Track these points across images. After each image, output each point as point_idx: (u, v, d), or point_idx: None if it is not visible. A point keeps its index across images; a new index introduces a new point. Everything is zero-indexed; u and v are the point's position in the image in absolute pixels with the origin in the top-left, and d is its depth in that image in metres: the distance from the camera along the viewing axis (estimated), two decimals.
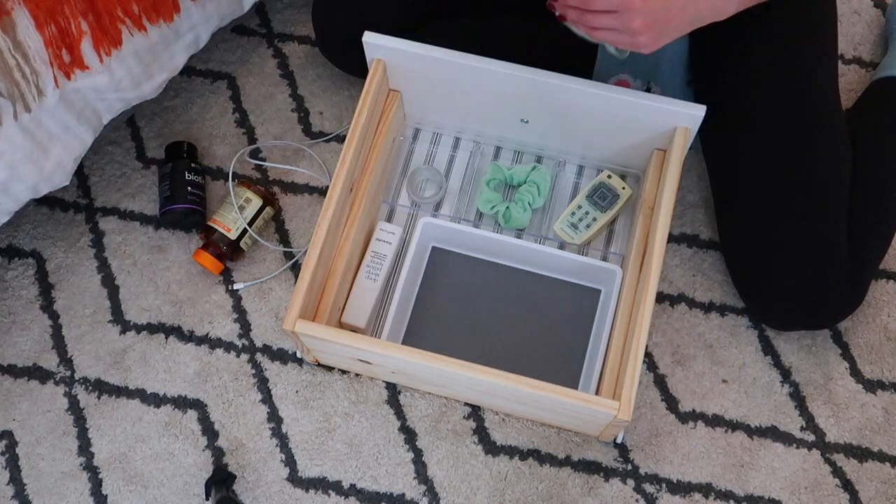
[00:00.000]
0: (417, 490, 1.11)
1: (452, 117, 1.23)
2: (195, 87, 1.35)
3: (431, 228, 1.18)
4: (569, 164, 1.26)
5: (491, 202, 1.22)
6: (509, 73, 1.07)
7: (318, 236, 1.02)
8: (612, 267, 1.14)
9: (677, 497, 1.10)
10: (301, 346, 1.06)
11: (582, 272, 1.17)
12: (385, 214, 1.24)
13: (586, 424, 1.06)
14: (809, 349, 1.18)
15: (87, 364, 1.18)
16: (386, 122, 1.16)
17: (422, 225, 1.17)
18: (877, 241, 1.14)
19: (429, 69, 1.10)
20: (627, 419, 0.94)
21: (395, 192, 1.26)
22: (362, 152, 1.11)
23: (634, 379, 0.95)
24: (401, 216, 1.25)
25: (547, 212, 1.23)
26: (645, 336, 0.97)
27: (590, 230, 1.19)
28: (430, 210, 1.24)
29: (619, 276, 1.13)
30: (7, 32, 0.96)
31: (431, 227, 1.17)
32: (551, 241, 1.22)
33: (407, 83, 1.16)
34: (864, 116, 1.23)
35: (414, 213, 1.24)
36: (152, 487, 1.12)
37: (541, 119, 1.16)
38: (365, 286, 1.15)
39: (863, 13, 1.40)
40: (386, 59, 1.10)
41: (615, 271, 1.14)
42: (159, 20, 1.10)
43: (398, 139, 1.25)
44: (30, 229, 1.26)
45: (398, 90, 1.18)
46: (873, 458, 1.12)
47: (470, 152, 1.27)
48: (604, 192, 1.21)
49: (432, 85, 1.14)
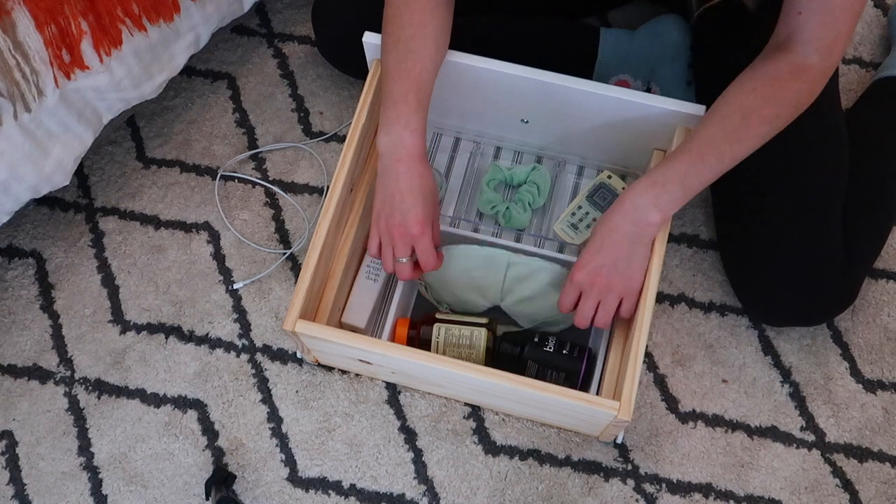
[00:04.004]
0: (417, 490, 1.11)
1: (452, 117, 1.23)
2: (195, 87, 1.35)
3: None
4: (569, 164, 1.26)
5: (491, 202, 1.22)
6: (509, 73, 1.06)
7: (318, 236, 1.02)
8: None
9: (677, 497, 1.10)
10: (301, 346, 1.06)
11: None
12: None
13: (587, 425, 1.06)
14: (809, 349, 1.18)
15: (87, 364, 1.18)
16: None
17: None
18: (872, 240, 1.14)
19: None
20: (628, 419, 0.94)
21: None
22: (362, 152, 1.11)
23: (634, 379, 0.95)
24: None
25: (547, 212, 1.23)
26: (645, 336, 0.96)
27: (590, 230, 1.19)
28: None
29: None
30: (7, 32, 0.96)
31: None
32: (551, 241, 1.22)
33: None
34: (864, 116, 1.24)
35: None
36: (152, 487, 1.12)
37: (541, 119, 1.16)
38: (365, 286, 1.15)
39: (863, 13, 1.40)
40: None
41: None
42: (159, 20, 1.10)
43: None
44: (30, 229, 1.26)
45: None
46: (873, 458, 1.12)
47: (470, 152, 1.27)
48: (604, 192, 1.21)
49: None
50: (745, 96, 0.94)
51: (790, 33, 0.92)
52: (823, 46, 0.91)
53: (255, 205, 1.27)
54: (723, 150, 0.94)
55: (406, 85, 0.97)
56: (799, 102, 0.94)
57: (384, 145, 0.98)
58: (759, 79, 0.93)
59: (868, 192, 1.13)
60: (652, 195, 0.95)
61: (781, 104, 0.93)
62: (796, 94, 0.93)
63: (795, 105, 0.94)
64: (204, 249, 1.25)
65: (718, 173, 0.95)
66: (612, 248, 0.97)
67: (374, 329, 1.17)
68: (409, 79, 0.97)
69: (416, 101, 0.97)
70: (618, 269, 0.97)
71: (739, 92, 0.94)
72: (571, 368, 1.06)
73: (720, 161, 0.94)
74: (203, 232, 1.26)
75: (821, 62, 0.92)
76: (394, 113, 0.97)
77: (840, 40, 0.91)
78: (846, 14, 0.90)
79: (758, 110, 0.93)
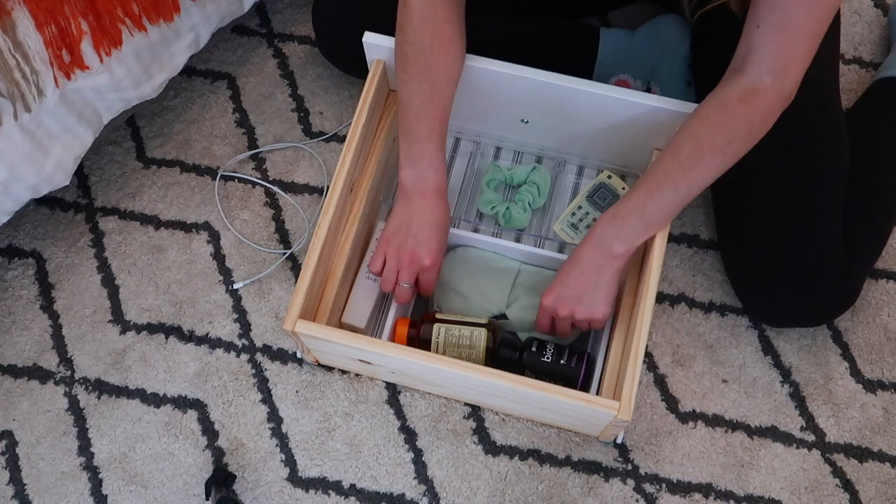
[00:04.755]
0: (417, 490, 1.11)
1: (453, 117, 1.21)
2: (195, 87, 1.35)
3: None
4: (569, 165, 1.26)
5: (491, 202, 1.22)
6: (509, 73, 1.06)
7: (318, 236, 1.02)
8: None
9: (677, 497, 1.10)
10: (301, 346, 1.06)
11: None
12: (385, 214, 1.24)
13: (586, 425, 1.06)
14: (809, 349, 1.18)
15: (87, 364, 1.18)
16: (386, 122, 1.16)
17: None
18: (873, 241, 1.14)
19: None
20: (628, 419, 0.94)
21: (395, 192, 1.25)
22: (362, 152, 1.11)
23: (634, 379, 0.95)
24: None
25: (547, 212, 1.23)
26: (645, 336, 0.97)
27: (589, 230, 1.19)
28: None
29: None
30: (7, 32, 0.96)
31: None
32: (551, 241, 1.21)
33: None
34: (865, 116, 1.23)
35: None
36: (152, 487, 1.12)
37: (541, 119, 1.16)
38: (365, 286, 1.15)
39: (863, 13, 1.40)
40: (386, 59, 1.10)
41: None
42: (159, 20, 1.10)
43: (398, 139, 1.25)
44: (30, 229, 1.26)
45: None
46: (873, 458, 1.12)
47: (470, 153, 1.27)
48: (604, 192, 1.21)
49: None
50: (698, 123, 0.94)
51: (747, 52, 0.91)
52: (777, 67, 0.90)
53: (255, 205, 1.27)
54: (677, 180, 0.94)
55: (430, 124, 1.01)
56: (752, 129, 0.92)
57: (408, 179, 1.02)
58: (711, 106, 0.93)
59: (869, 193, 1.13)
60: (614, 228, 0.98)
61: (732, 132, 0.92)
62: (747, 121, 0.92)
63: (748, 132, 0.93)
64: (204, 249, 1.25)
65: (678, 203, 0.96)
66: (578, 278, 1.01)
67: (374, 329, 1.17)
68: (433, 118, 1.01)
69: (439, 139, 1.02)
70: (582, 302, 1.01)
71: (695, 118, 0.95)
72: (569, 375, 1.06)
73: (675, 191, 0.95)
74: (203, 232, 1.26)
75: (774, 84, 0.90)
76: (418, 150, 1.01)
77: (795, 62, 0.90)
78: (803, 36, 0.88)
79: (710, 139, 0.93)
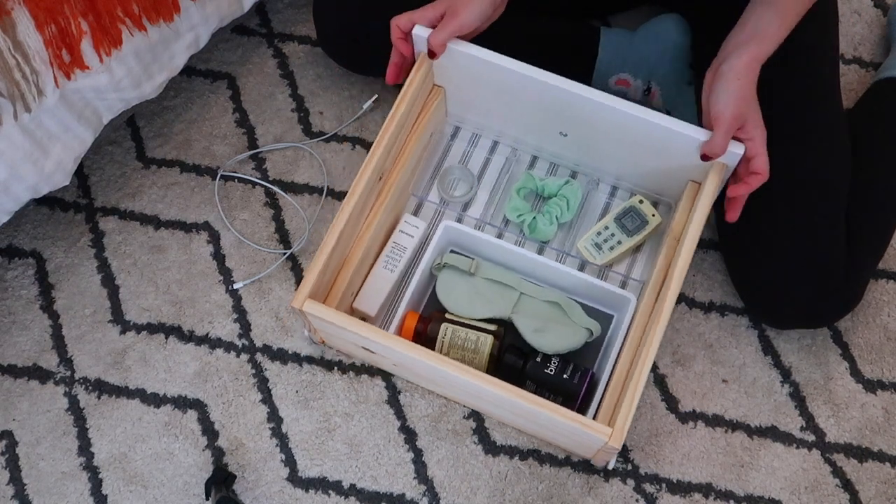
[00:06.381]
0: (417, 490, 1.11)
1: (493, 120, 1.21)
2: (195, 87, 1.36)
3: (452, 232, 1.17)
4: (603, 184, 1.23)
5: (518, 210, 1.20)
6: (553, 83, 1.04)
7: (339, 219, 1.01)
8: (628, 295, 1.11)
9: (677, 497, 1.10)
10: (308, 324, 1.06)
11: (597, 296, 1.15)
12: (412, 207, 1.23)
13: (579, 446, 1.05)
14: (809, 349, 1.18)
15: (87, 364, 1.18)
16: (426, 115, 1.15)
17: (442, 228, 1.15)
18: (875, 242, 1.14)
19: (474, 69, 1.08)
20: (618, 448, 0.92)
21: (425, 186, 1.25)
22: (397, 142, 1.10)
23: (631, 408, 0.92)
24: (427, 211, 1.24)
25: (573, 228, 1.20)
26: (648, 368, 0.94)
27: (613, 252, 1.17)
28: (458, 209, 1.23)
29: (633, 305, 1.11)
30: (7, 32, 0.96)
31: (452, 230, 1.16)
32: (573, 258, 1.19)
33: (451, 80, 1.15)
34: (865, 117, 1.24)
35: (441, 210, 1.23)
36: (152, 487, 1.12)
37: (580, 134, 1.14)
38: (381, 275, 1.15)
39: (863, 13, 1.40)
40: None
41: (629, 299, 1.11)
42: (159, 20, 1.10)
43: (436, 135, 1.24)
44: (30, 229, 1.26)
45: (442, 86, 1.17)
46: (873, 458, 1.12)
47: (506, 157, 1.25)
48: (633, 216, 1.18)
49: (476, 85, 1.12)
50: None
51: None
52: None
53: (255, 205, 1.27)
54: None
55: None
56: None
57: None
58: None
59: (870, 194, 1.13)
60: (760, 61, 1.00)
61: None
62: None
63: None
64: (204, 249, 1.25)
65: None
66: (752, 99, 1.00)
67: (384, 319, 1.17)
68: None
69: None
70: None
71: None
72: (570, 391, 1.05)
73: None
74: (203, 232, 1.26)
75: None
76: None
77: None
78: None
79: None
